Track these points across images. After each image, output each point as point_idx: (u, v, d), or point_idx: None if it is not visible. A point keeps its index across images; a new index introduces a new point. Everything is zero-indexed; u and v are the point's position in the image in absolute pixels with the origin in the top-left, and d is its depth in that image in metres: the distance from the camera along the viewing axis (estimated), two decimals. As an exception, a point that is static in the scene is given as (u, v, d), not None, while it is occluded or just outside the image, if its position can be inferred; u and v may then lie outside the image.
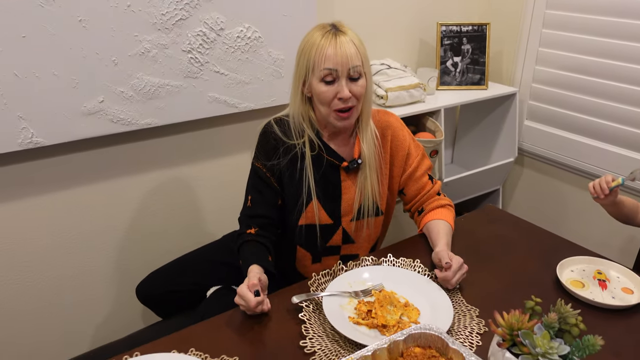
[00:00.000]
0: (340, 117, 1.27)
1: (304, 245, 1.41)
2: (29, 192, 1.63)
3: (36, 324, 1.77)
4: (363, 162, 1.35)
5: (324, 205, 1.36)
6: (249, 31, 1.77)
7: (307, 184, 1.33)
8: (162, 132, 1.81)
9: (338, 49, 1.21)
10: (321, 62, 1.21)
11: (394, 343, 0.96)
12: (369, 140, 1.34)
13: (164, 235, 1.94)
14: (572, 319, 0.92)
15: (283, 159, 1.33)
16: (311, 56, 1.23)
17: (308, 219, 1.36)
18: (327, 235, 1.39)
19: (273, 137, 1.34)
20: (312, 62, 1.23)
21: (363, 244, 1.44)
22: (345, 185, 1.38)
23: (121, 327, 1.90)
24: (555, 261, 1.31)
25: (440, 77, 2.35)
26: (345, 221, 1.39)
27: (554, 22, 2.28)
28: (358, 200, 1.37)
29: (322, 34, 1.23)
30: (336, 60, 1.21)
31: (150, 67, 1.63)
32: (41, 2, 1.41)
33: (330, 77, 1.23)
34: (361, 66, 1.24)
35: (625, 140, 2.14)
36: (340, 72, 1.22)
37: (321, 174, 1.35)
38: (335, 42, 1.21)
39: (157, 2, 1.57)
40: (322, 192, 1.36)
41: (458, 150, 2.75)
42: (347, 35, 1.24)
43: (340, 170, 1.37)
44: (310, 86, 1.27)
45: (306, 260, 1.43)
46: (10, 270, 1.67)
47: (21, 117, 1.48)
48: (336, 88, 1.23)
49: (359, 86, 1.25)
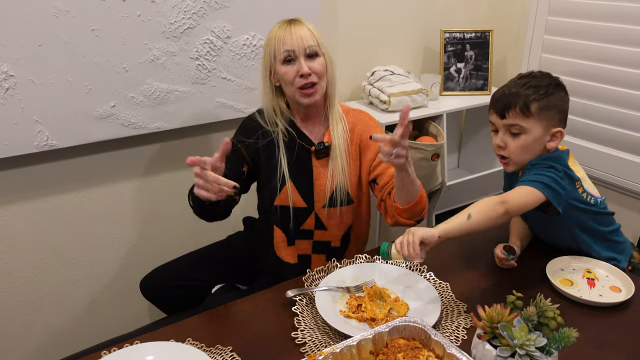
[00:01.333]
0: (304, 94, 1.39)
1: (279, 225, 1.50)
2: (44, 192, 1.71)
3: (48, 319, 1.85)
4: (333, 147, 1.45)
5: (298, 188, 1.46)
6: (255, 39, 1.84)
7: (281, 166, 1.44)
8: (171, 135, 1.88)
9: (293, 33, 1.36)
10: (280, 47, 1.36)
11: (379, 334, 1.00)
12: (337, 125, 1.46)
13: (171, 234, 2.01)
14: (550, 313, 0.96)
15: (261, 141, 1.46)
16: (271, 45, 1.38)
17: (282, 200, 1.47)
18: (301, 218, 1.49)
19: (254, 122, 1.49)
20: (274, 50, 1.37)
21: (335, 232, 1.52)
22: (317, 172, 1.47)
23: (128, 323, 1.97)
24: (547, 261, 1.34)
25: (444, 83, 2.39)
26: (317, 207, 1.48)
27: (556, 29, 2.30)
28: (330, 187, 1.46)
29: (279, 26, 1.39)
30: (292, 43, 1.35)
31: (160, 73, 1.71)
32: (56, 12, 1.49)
33: (289, 57, 1.36)
34: (316, 46, 1.38)
35: (627, 144, 2.15)
36: (298, 52, 1.36)
37: (294, 158, 1.46)
38: (290, 28, 1.37)
39: (166, 12, 1.65)
40: (295, 176, 1.46)
41: (464, 155, 2.78)
42: (302, 22, 1.39)
43: (312, 156, 1.46)
44: (276, 74, 1.40)
45: (282, 242, 1.52)
46: (23, 267, 1.75)
47: (37, 121, 1.56)
48: (296, 67, 1.36)
49: (318, 64, 1.38)
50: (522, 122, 1.27)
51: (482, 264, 1.38)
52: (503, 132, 1.32)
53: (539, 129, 1.28)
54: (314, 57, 1.38)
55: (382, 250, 1.15)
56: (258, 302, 1.23)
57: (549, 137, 1.30)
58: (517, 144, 1.30)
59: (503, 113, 1.29)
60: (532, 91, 1.27)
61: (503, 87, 1.33)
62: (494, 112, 1.32)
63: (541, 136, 1.29)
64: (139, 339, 1.09)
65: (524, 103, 1.26)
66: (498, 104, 1.31)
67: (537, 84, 1.28)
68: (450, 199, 2.39)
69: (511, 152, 1.31)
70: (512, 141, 1.30)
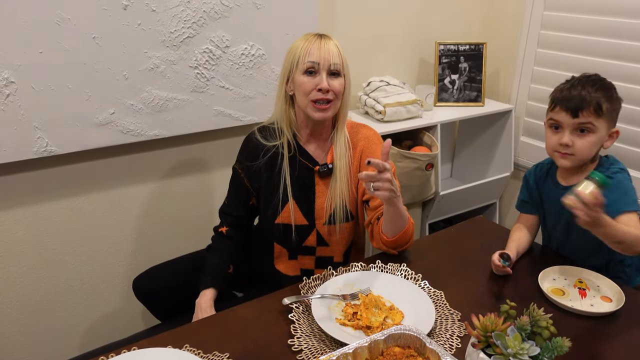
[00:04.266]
0: (317, 108, 1.37)
1: (280, 242, 1.51)
2: (43, 198, 1.72)
3: (45, 324, 1.85)
4: (334, 167, 1.45)
5: (299, 206, 1.46)
6: (253, 49, 1.87)
7: (284, 183, 1.44)
8: (169, 143, 1.90)
9: (322, 46, 1.35)
10: (305, 57, 1.35)
11: (375, 342, 1.02)
12: (341, 147, 1.45)
13: (169, 242, 2.02)
14: (544, 322, 0.98)
15: (262, 160, 1.46)
16: (296, 53, 1.37)
17: (284, 218, 1.47)
18: (303, 235, 1.49)
19: (254, 143, 1.48)
20: (297, 58, 1.36)
21: (337, 248, 1.53)
22: (318, 189, 1.47)
23: (124, 329, 1.97)
24: (539, 270, 1.36)
25: (438, 94, 2.43)
26: (319, 224, 1.48)
27: (548, 42, 2.35)
28: (330, 205, 1.46)
29: (306, 38, 1.38)
30: (319, 54, 1.35)
31: (159, 81, 1.73)
32: (58, 20, 1.51)
33: (312, 69, 1.35)
34: (341, 66, 1.37)
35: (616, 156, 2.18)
36: (322, 66, 1.35)
37: (297, 176, 1.46)
38: (319, 41, 1.36)
39: (166, 21, 1.67)
40: (297, 194, 1.46)
41: (457, 165, 2.82)
42: (331, 39, 1.38)
43: (314, 174, 1.47)
44: (293, 82, 1.39)
45: (283, 256, 1.53)
46: (21, 272, 1.75)
47: (37, 127, 1.57)
48: (317, 80, 1.36)
49: (338, 83, 1.37)
50: (595, 121, 1.35)
51: (476, 273, 1.40)
52: (570, 129, 1.37)
53: (604, 128, 1.36)
54: (335, 76, 1.37)
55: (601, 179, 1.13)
56: (255, 309, 1.24)
57: (607, 136, 1.39)
58: (585, 142, 1.37)
59: (576, 112, 1.35)
60: (602, 93, 1.35)
61: (565, 87, 1.40)
62: (563, 111, 1.37)
63: (604, 135, 1.38)
64: (136, 345, 1.10)
65: (597, 103, 1.34)
66: (570, 103, 1.36)
67: (604, 85, 1.37)
68: (443, 208, 2.42)
69: (578, 150, 1.37)
70: (579, 139, 1.37)
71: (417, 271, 1.37)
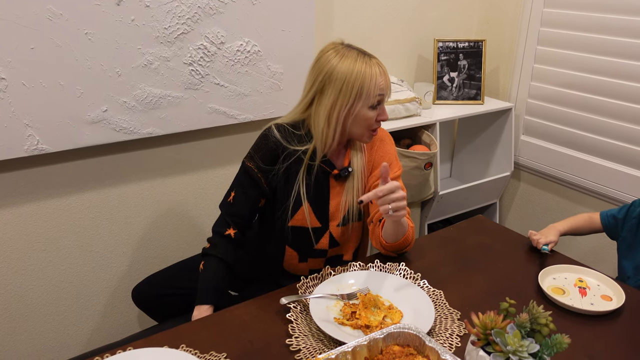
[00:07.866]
0: (373, 135, 1.38)
1: (291, 245, 1.46)
2: (33, 197, 1.69)
3: (35, 326, 1.82)
4: (352, 170, 1.43)
5: (314, 208, 1.42)
6: (249, 45, 1.84)
7: (298, 188, 1.39)
8: (163, 141, 1.87)
9: (384, 74, 1.33)
10: (375, 88, 1.30)
11: (374, 341, 0.99)
12: (357, 149, 1.44)
13: (163, 242, 1.99)
14: (543, 320, 0.96)
15: (282, 161, 1.39)
16: (364, 82, 1.29)
17: (298, 221, 1.42)
18: (316, 237, 1.45)
19: (274, 141, 1.39)
20: (366, 88, 1.29)
21: (348, 246, 1.50)
22: (333, 192, 1.44)
23: (117, 331, 1.95)
24: (539, 269, 1.35)
25: (437, 92, 2.41)
26: (332, 225, 1.45)
27: (548, 40, 2.33)
28: (344, 207, 1.43)
29: (364, 62, 1.30)
30: (386, 85, 1.33)
31: (153, 78, 1.70)
32: (49, 15, 1.48)
33: (380, 101, 1.33)
34: None
35: (617, 155, 2.17)
36: (387, 96, 1.35)
37: (313, 180, 1.41)
38: (379, 69, 1.31)
39: (160, 17, 1.65)
40: (313, 197, 1.42)
41: (456, 164, 2.79)
42: (376, 58, 1.34)
43: (330, 177, 1.43)
44: (351, 113, 1.32)
45: (293, 259, 1.48)
46: (11, 273, 1.72)
47: (27, 124, 1.54)
48: (378, 111, 1.34)
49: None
50: None
51: (476, 273, 1.37)
52: None
53: None
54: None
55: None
56: (252, 309, 1.22)
57: None
58: None
59: None
60: None
61: None
62: None
63: None
64: (131, 346, 1.08)
65: None
66: None
67: None
68: (442, 208, 2.39)
69: None
70: None
71: (416, 270, 1.34)
